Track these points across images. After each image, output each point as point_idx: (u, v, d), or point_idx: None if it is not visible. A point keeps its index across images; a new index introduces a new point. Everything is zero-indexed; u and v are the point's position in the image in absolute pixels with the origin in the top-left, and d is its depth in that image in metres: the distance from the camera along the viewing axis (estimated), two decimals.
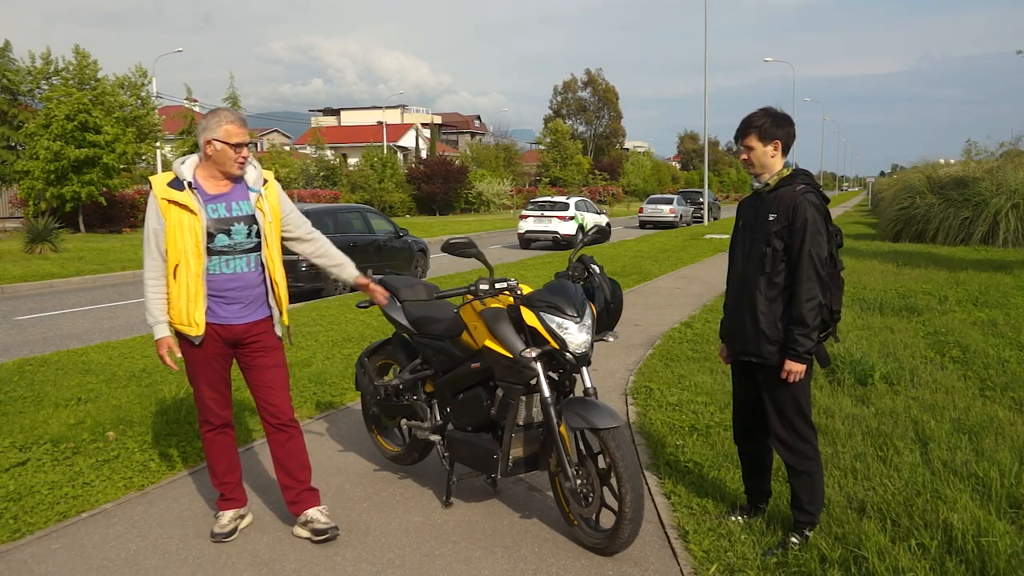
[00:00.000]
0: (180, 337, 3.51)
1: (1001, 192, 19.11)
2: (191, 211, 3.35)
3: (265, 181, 3.57)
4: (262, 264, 3.51)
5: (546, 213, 22.38)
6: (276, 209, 3.59)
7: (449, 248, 3.57)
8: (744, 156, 3.42)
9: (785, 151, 3.37)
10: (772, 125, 3.33)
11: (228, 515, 3.65)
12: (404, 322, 4.19)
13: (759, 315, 3.31)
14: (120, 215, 25.72)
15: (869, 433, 4.76)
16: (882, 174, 75.87)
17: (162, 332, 3.48)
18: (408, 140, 64.55)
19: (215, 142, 3.36)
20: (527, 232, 22.47)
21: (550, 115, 75.71)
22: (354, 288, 3.97)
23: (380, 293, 3.91)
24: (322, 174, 44.19)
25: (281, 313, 3.60)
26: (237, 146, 3.37)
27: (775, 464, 3.80)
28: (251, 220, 3.47)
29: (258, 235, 3.48)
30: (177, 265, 3.37)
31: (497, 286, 3.62)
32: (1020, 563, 3.09)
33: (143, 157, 30.99)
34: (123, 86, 28.44)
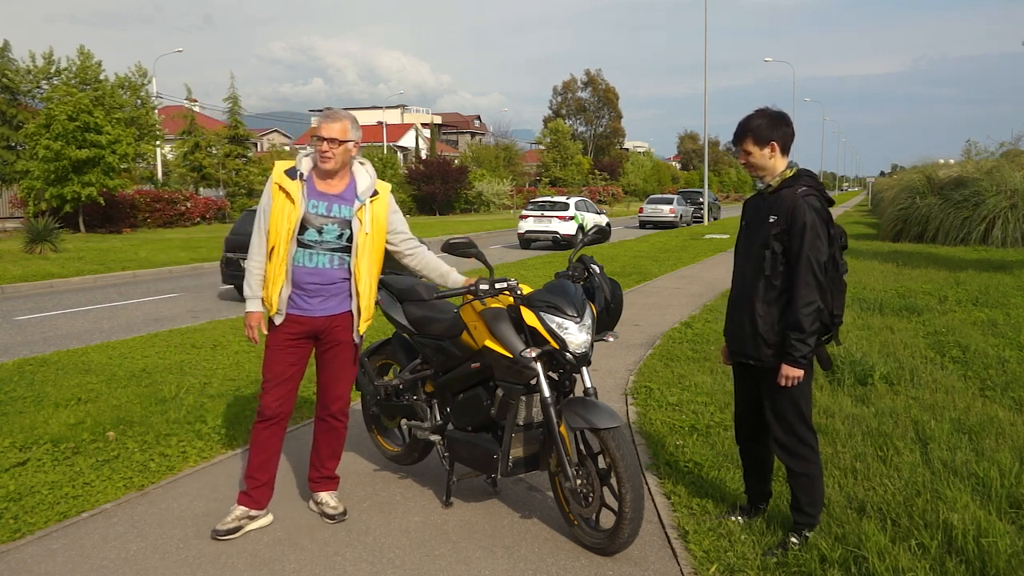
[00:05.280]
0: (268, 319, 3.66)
1: (1001, 192, 19.13)
2: (292, 200, 3.51)
3: (375, 193, 3.68)
4: (348, 267, 3.62)
5: (546, 213, 22.36)
6: (380, 223, 3.70)
7: (449, 248, 3.57)
8: (743, 160, 3.40)
9: (784, 151, 3.33)
10: (768, 127, 3.30)
11: (237, 512, 3.65)
12: (404, 322, 4.19)
13: (757, 318, 3.29)
14: (120, 215, 25.74)
15: (869, 433, 4.76)
16: (882, 174, 75.86)
17: (253, 307, 3.64)
18: (408, 140, 64.57)
19: (313, 139, 3.55)
20: (527, 232, 22.46)
21: (550, 115, 75.71)
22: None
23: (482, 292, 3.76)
24: None
25: (360, 321, 3.70)
26: (319, 139, 3.51)
27: (776, 464, 3.80)
28: (346, 224, 3.59)
29: (349, 240, 3.59)
30: (273, 247, 3.54)
31: (497, 286, 3.62)
32: (1020, 563, 3.09)
33: (144, 157, 30.98)
34: (123, 86, 28.43)
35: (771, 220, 3.25)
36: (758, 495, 3.70)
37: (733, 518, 3.66)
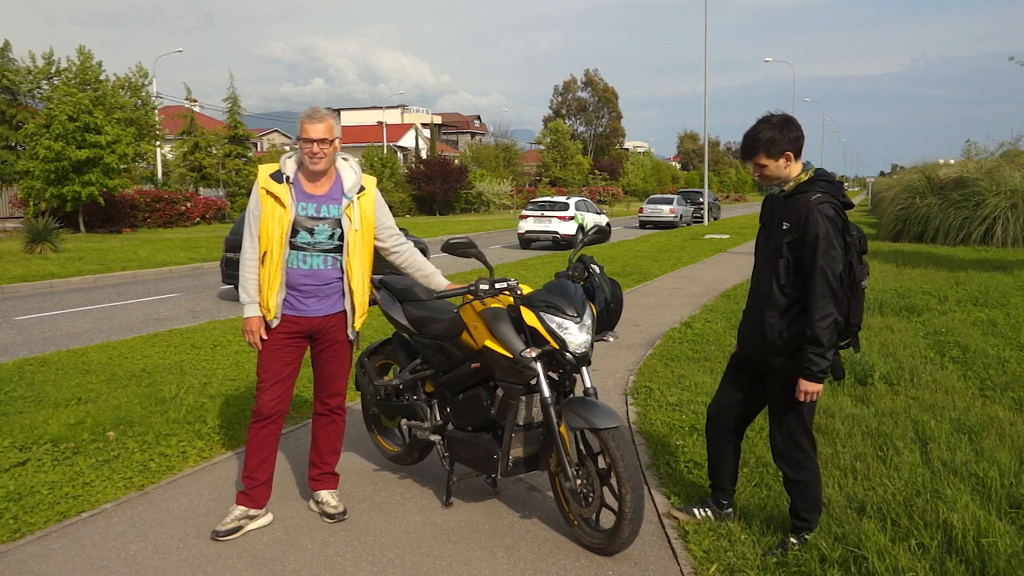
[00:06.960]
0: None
1: (1000, 192, 19.14)
2: (282, 204, 3.51)
3: (362, 188, 3.68)
4: (341, 266, 3.62)
5: (546, 213, 22.34)
6: (368, 218, 3.71)
7: (449, 248, 3.57)
8: (757, 173, 3.30)
9: (798, 155, 3.23)
10: (779, 137, 3.18)
11: (237, 512, 3.65)
12: (404, 322, 4.18)
13: (766, 325, 3.24)
14: (120, 215, 25.73)
15: (869, 433, 4.76)
16: (882, 174, 75.88)
17: (251, 312, 3.61)
18: (408, 140, 64.51)
19: (298, 140, 3.54)
20: (527, 232, 22.44)
21: (550, 115, 75.75)
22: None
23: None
24: None
25: (354, 318, 3.71)
26: (307, 141, 3.49)
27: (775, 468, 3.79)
28: (336, 224, 3.59)
29: (340, 239, 3.60)
30: (266, 252, 3.54)
31: (497, 286, 3.62)
32: (1020, 563, 3.09)
33: (144, 157, 30.95)
34: (123, 87, 28.42)
35: (784, 227, 3.17)
36: (726, 492, 3.67)
37: (696, 510, 3.64)
